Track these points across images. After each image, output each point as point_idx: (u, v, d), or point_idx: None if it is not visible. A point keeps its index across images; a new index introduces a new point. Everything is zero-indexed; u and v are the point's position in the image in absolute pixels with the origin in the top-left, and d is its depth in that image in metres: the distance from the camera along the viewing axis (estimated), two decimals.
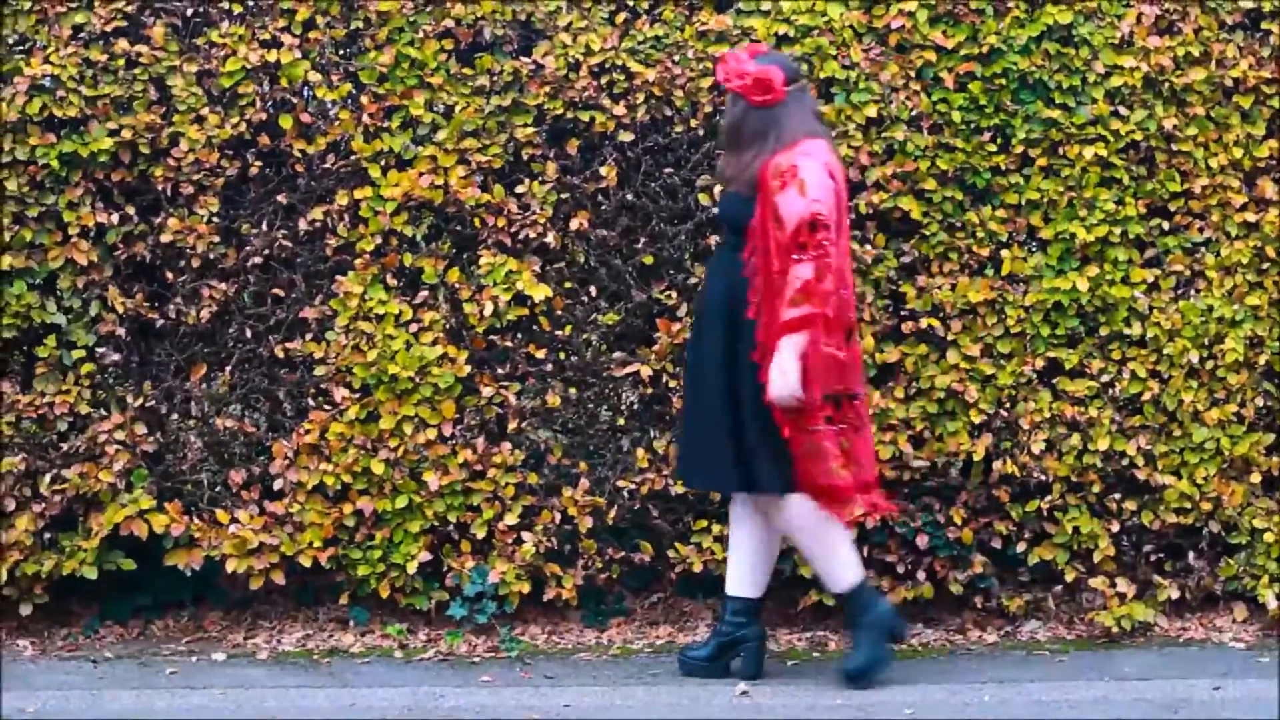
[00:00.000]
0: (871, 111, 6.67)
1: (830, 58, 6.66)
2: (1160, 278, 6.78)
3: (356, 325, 6.57)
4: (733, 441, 6.07)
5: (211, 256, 6.59)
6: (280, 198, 6.64)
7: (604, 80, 6.64)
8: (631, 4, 6.70)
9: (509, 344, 6.70)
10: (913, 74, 6.71)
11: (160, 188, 6.57)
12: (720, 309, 6.09)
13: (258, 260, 6.62)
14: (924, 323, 6.71)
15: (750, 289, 6.03)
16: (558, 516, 6.65)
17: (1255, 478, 6.81)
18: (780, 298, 5.91)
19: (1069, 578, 6.77)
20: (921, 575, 6.73)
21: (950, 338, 6.71)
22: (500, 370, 6.66)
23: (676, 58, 6.64)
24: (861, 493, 6.09)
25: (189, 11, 6.62)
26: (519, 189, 6.64)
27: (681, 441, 6.36)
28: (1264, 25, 6.83)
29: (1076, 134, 6.72)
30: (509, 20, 6.68)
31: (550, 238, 6.61)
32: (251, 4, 6.64)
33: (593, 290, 6.74)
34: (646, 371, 6.66)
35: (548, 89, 6.56)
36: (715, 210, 6.48)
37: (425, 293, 6.62)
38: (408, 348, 6.56)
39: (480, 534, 6.63)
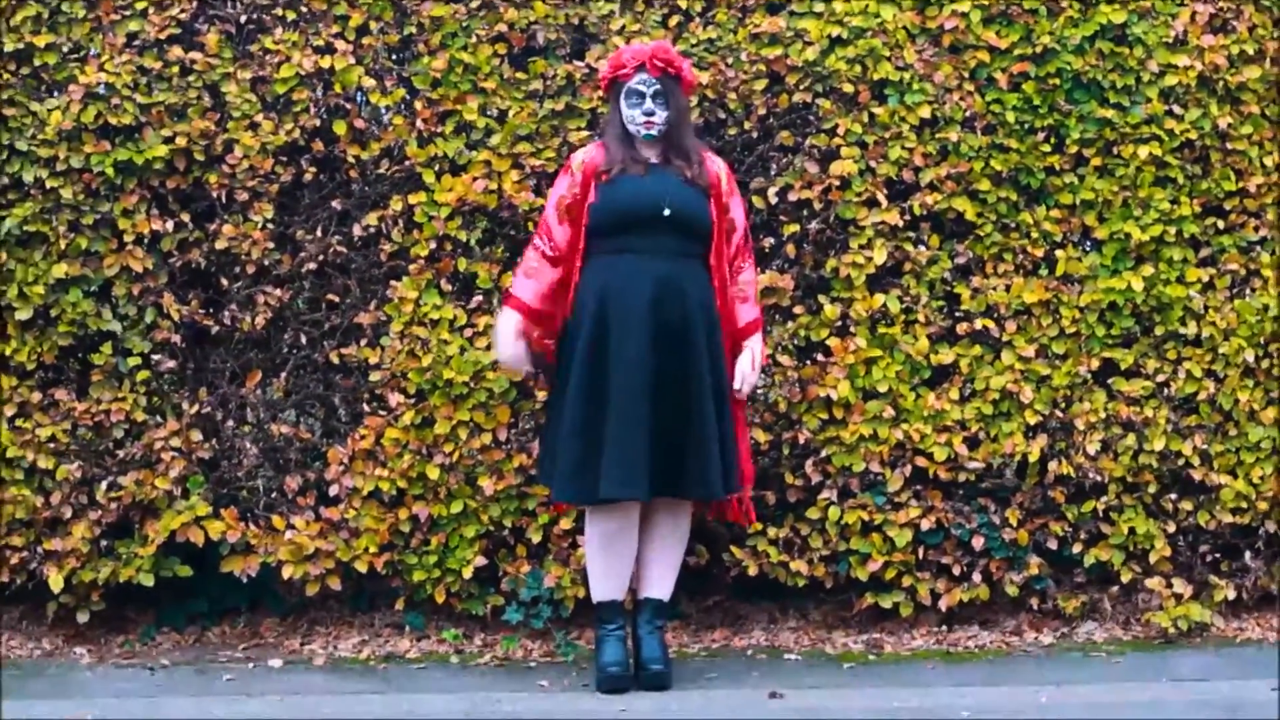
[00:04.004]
0: (925, 112, 6.66)
1: (884, 59, 6.65)
2: (1215, 277, 6.76)
3: (411, 330, 6.57)
4: (718, 447, 6.08)
5: (266, 263, 6.60)
6: (334, 203, 6.65)
7: None
8: (684, 7, 6.69)
9: None
10: (966, 74, 6.70)
11: (215, 194, 6.58)
12: (702, 318, 6.04)
13: (312, 266, 6.63)
14: (979, 324, 6.69)
15: (713, 294, 6.08)
16: None
17: None
18: (732, 300, 6.12)
19: (1125, 578, 6.75)
20: (977, 577, 6.71)
21: (1005, 338, 6.69)
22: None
23: (730, 60, 6.64)
24: None
25: (242, 18, 6.65)
26: None
27: (675, 455, 6.03)
28: None
29: (1131, 133, 6.70)
30: (562, 24, 6.68)
31: None
32: (305, 10, 6.64)
33: None
34: None
35: (601, 93, 6.53)
36: (674, 213, 6.02)
37: (480, 297, 6.60)
38: (462, 353, 6.56)
39: (535, 538, 6.62)
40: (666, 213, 5.99)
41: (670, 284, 5.98)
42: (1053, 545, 6.74)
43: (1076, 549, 6.75)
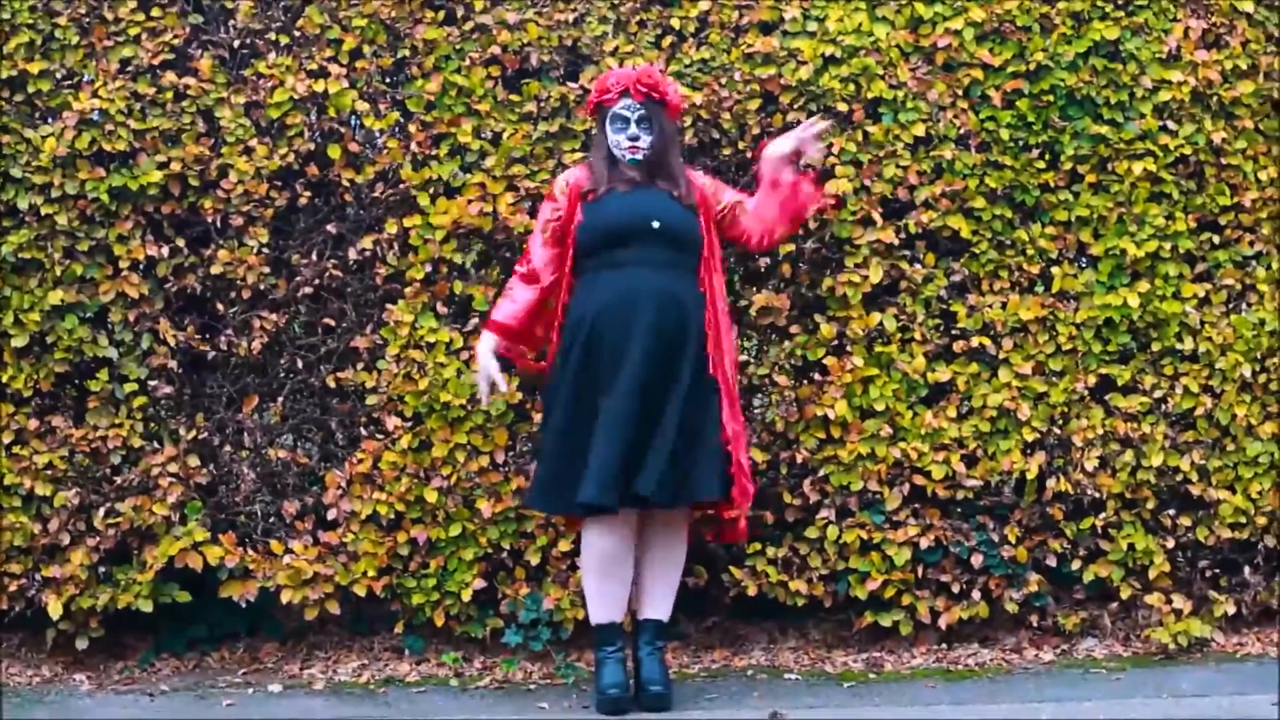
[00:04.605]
0: (919, 130, 6.67)
1: (877, 77, 6.66)
2: (1211, 292, 6.76)
3: (407, 354, 6.57)
4: (720, 454, 6.07)
5: (262, 287, 6.59)
6: (330, 227, 6.65)
7: None
8: (678, 28, 6.70)
9: None
10: (960, 92, 6.70)
11: (210, 219, 6.58)
12: (696, 329, 6.02)
13: (308, 290, 6.63)
14: (975, 341, 6.69)
15: (703, 304, 6.06)
16: None
17: None
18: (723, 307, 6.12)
19: (1125, 595, 6.75)
20: (977, 594, 6.70)
21: (1002, 356, 6.69)
22: None
23: (723, 80, 6.64)
24: None
25: (236, 43, 6.65)
26: None
27: (670, 462, 5.96)
28: None
29: (1125, 149, 6.70)
30: (555, 46, 6.68)
31: None
32: (298, 34, 6.65)
33: None
34: None
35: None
36: (664, 225, 6.04)
37: (476, 320, 6.59)
38: (459, 375, 6.55)
39: (534, 561, 6.61)
40: (656, 225, 6.01)
41: (669, 295, 5.98)
42: (1052, 562, 6.74)
43: (1076, 565, 6.75)
